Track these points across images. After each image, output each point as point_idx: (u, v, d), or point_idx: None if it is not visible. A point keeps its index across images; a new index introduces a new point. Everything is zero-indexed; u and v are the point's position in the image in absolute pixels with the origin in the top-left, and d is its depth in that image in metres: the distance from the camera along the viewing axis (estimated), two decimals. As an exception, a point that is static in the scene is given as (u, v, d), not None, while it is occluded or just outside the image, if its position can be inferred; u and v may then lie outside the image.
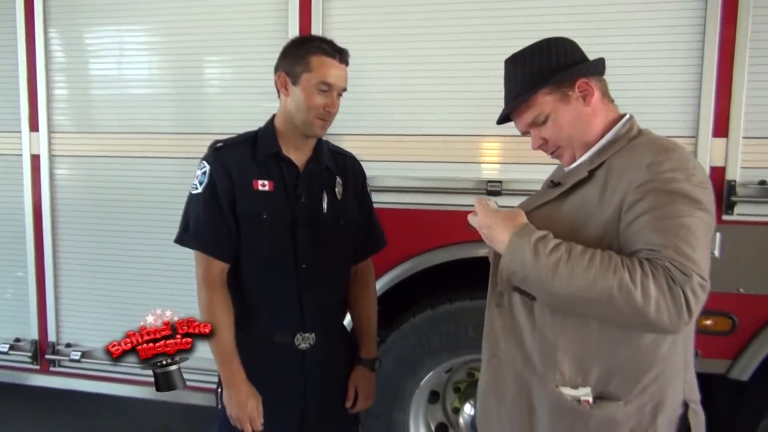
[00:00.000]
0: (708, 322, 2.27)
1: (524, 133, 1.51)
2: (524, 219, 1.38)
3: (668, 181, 1.23)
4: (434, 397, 2.75)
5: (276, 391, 1.81)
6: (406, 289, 2.52)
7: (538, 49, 1.43)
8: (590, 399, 1.34)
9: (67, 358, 2.94)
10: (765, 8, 2.16)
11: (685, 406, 1.37)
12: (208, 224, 1.77)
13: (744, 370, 2.27)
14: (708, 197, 1.26)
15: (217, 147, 1.82)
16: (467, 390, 2.72)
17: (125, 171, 2.83)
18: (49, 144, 2.88)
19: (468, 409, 2.68)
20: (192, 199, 1.82)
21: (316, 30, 2.49)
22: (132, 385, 2.92)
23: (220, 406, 1.84)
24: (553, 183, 1.47)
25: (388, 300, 2.48)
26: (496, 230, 1.38)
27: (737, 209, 2.22)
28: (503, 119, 1.52)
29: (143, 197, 2.81)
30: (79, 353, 2.92)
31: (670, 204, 1.22)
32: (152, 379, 2.79)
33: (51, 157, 2.88)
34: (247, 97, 2.63)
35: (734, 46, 2.19)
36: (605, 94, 1.44)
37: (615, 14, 2.29)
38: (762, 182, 2.21)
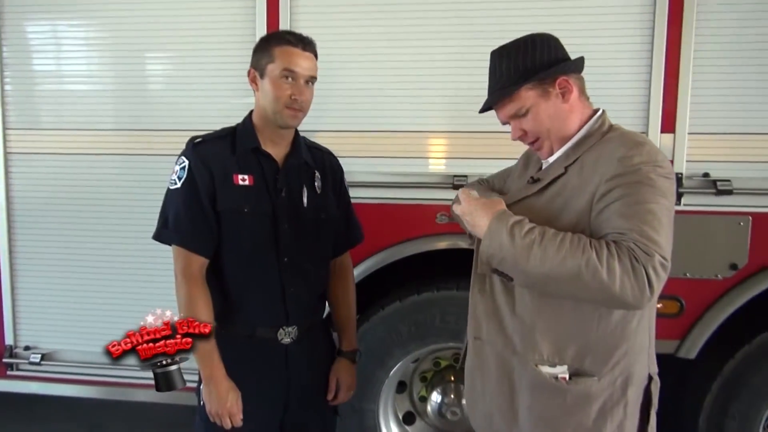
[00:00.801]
0: (659, 306, 2.40)
1: (504, 123, 1.58)
2: (503, 206, 1.48)
3: (636, 172, 1.35)
4: (401, 387, 2.83)
5: (259, 385, 1.83)
6: (376, 281, 2.58)
7: (524, 45, 1.50)
8: (567, 376, 1.45)
9: (26, 362, 2.85)
10: (708, 13, 2.33)
11: (649, 378, 1.50)
12: (188, 219, 1.77)
13: (691, 349, 2.44)
14: (671, 187, 1.38)
15: (197, 142, 1.82)
16: (433, 379, 2.81)
17: (83, 168, 2.77)
18: (4, 141, 2.78)
19: (435, 397, 2.77)
20: (170, 194, 1.81)
21: (284, 26, 2.50)
22: (94, 386, 2.86)
23: (201, 403, 1.83)
24: (533, 179, 1.55)
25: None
26: (477, 216, 1.48)
27: (684, 200, 2.38)
28: (485, 109, 1.59)
29: (102, 195, 2.76)
30: (39, 356, 2.84)
31: (637, 192, 1.33)
32: (114, 380, 2.80)
33: (6, 154, 2.78)
34: (215, 94, 2.62)
35: (680, 49, 2.35)
36: (582, 91, 1.53)
37: (571, 17, 2.40)
38: (705, 174, 2.38)
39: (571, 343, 1.45)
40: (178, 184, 1.78)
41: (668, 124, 2.39)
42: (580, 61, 1.54)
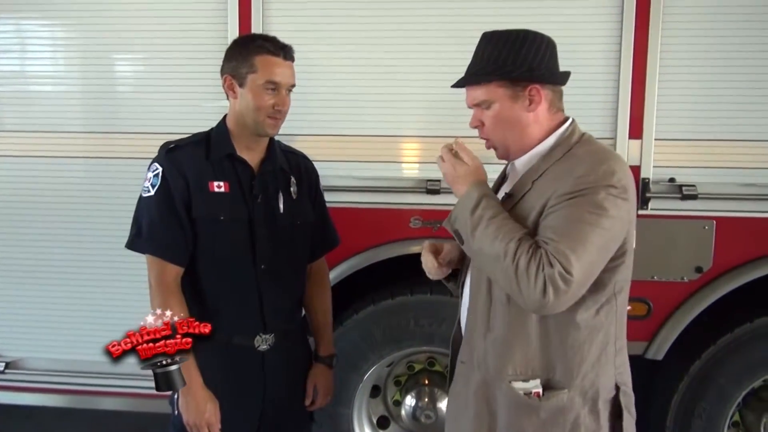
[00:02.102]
0: (627, 308, 2.48)
1: (469, 107, 1.56)
2: (483, 176, 1.50)
3: (585, 191, 1.35)
4: (375, 391, 2.83)
5: (235, 394, 1.81)
6: (350, 285, 2.58)
7: (514, 38, 1.47)
8: (540, 391, 1.47)
9: (-11, 370, 2.76)
10: (674, 21, 2.38)
11: (617, 388, 1.51)
12: (163, 228, 1.74)
13: (659, 350, 2.50)
14: (621, 208, 1.37)
15: (170, 148, 1.80)
16: (407, 383, 2.82)
17: (49, 172, 2.69)
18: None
19: (409, 401, 2.77)
20: (144, 202, 1.78)
21: (256, 29, 2.48)
22: (61, 395, 2.80)
23: (176, 413, 1.80)
24: (507, 195, 1.55)
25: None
26: (459, 181, 1.50)
27: (651, 204, 2.44)
28: (457, 86, 1.57)
29: (68, 199, 2.68)
30: (3, 364, 2.75)
31: (577, 211, 1.35)
32: (81, 389, 2.74)
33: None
34: (185, 96, 2.58)
35: (647, 56, 2.40)
36: (553, 104, 1.50)
37: (539, 24, 2.39)
38: (671, 180, 2.44)
39: (540, 355, 1.47)
40: (152, 192, 1.75)
41: (635, 131, 2.44)
42: (563, 74, 1.53)
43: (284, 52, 1.79)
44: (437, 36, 2.47)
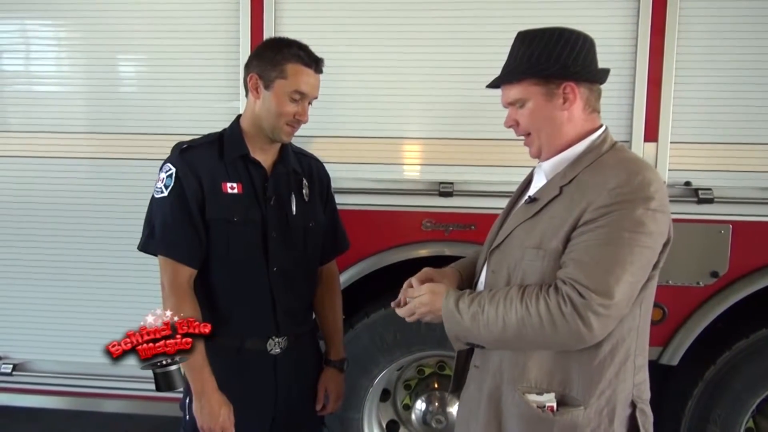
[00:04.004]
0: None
1: (505, 107, 1.55)
2: (443, 287, 1.52)
3: (622, 205, 1.32)
4: (385, 395, 2.81)
5: (247, 398, 1.79)
6: (361, 288, 2.55)
7: (548, 36, 1.45)
8: (554, 405, 1.43)
9: (-4, 372, 2.75)
10: (690, 24, 2.36)
11: (633, 406, 1.46)
12: (176, 229, 1.72)
13: (673, 356, 2.47)
14: (659, 222, 1.35)
15: (184, 148, 1.78)
16: (417, 387, 2.80)
17: (55, 173, 2.67)
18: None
19: (419, 405, 2.75)
20: (157, 203, 1.76)
21: (268, 29, 2.47)
22: (67, 397, 2.78)
23: (188, 417, 1.79)
24: (530, 198, 1.52)
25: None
26: (431, 306, 1.50)
27: (666, 209, 2.42)
28: (491, 86, 1.56)
29: (76, 200, 2.67)
30: (11, 366, 2.74)
31: (615, 231, 1.31)
32: (88, 391, 2.72)
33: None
34: (195, 97, 2.56)
35: (663, 59, 2.38)
36: (589, 104, 1.47)
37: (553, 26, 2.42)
38: (687, 183, 2.42)
39: (559, 370, 1.44)
40: (165, 192, 1.73)
41: (651, 134, 2.42)
42: (602, 72, 1.50)
43: (317, 64, 1.79)
44: (449, 38, 2.45)
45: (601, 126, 1.50)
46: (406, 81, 2.48)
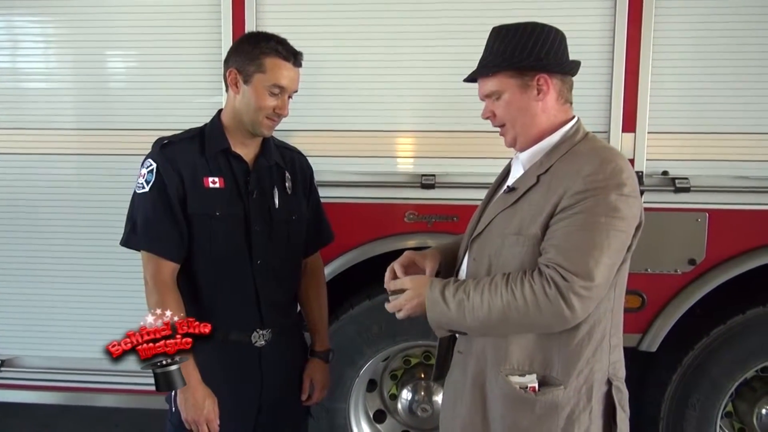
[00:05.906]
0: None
1: (481, 100, 1.59)
2: (426, 278, 1.56)
3: (596, 192, 1.38)
4: (371, 385, 2.85)
5: (233, 390, 1.81)
6: (346, 280, 2.58)
7: (522, 31, 1.50)
8: (536, 386, 1.49)
9: (-15, 368, 2.76)
10: (667, 15, 2.39)
11: (609, 384, 1.52)
12: (158, 224, 1.73)
13: (652, 343, 2.52)
14: (632, 206, 1.41)
15: (164, 144, 1.79)
16: (403, 377, 2.84)
17: (41, 169, 2.68)
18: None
19: (405, 395, 2.79)
20: (138, 198, 1.77)
21: (250, 24, 2.48)
22: (57, 392, 2.80)
23: (173, 409, 1.80)
24: (509, 188, 1.56)
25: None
26: (416, 298, 1.52)
27: (644, 197, 2.43)
28: (468, 80, 1.60)
29: (63, 196, 2.67)
30: (-1, 362, 2.76)
31: (591, 216, 1.37)
32: (77, 386, 2.73)
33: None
34: (179, 93, 2.57)
35: (640, 50, 2.41)
36: (562, 95, 1.53)
37: (532, 18, 2.43)
38: (664, 172, 2.46)
39: (540, 352, 1.49)
40: (146, 188, 1.74)
41: (629, 124, 2.45)
42: (573, 64, 1.55)
43: (295, 58, 1.79)
44: (429, 31, 2.47)
45: (573, 117, 1.55)
46: (387, 75, 2.50)
